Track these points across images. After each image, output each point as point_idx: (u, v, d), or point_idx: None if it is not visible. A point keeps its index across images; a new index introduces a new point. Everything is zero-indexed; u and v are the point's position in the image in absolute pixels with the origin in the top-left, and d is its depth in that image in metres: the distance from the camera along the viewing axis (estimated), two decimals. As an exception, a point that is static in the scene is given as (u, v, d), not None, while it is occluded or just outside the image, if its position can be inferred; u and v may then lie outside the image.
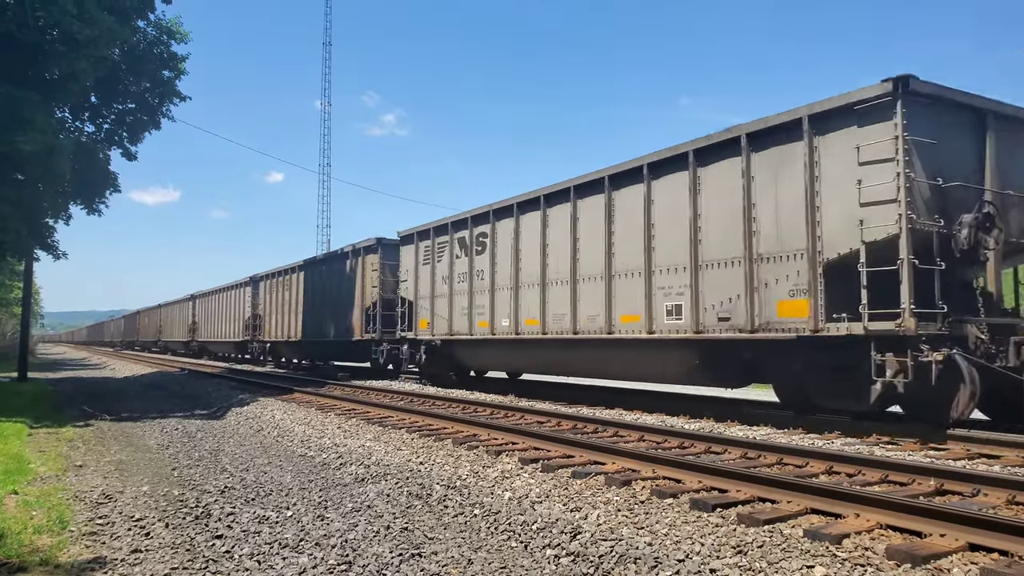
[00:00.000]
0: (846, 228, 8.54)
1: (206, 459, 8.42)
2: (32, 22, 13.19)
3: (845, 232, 8.55)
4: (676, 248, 10.82)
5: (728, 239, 10.03)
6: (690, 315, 10.48)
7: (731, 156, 10.04)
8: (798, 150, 9.12)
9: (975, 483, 5.47)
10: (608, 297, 12.03)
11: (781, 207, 9.39)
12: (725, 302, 10.00)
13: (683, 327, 10.61)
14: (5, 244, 16.38)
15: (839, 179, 8.69)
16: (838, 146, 8.70)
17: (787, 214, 9.30)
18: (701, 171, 10.49)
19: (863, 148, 8.35)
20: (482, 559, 4.64)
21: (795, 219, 9.17)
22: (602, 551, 4.51)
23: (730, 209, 10.00)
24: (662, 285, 11.02)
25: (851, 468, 6.29)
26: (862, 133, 8.42)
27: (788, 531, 4.64)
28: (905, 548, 4.12)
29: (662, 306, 10.99)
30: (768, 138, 9.54)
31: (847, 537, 4.42)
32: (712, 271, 10.27)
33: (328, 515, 5.69)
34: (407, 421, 10.69)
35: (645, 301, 11.20)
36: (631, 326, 11.52)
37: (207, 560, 4.58)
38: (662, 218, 11.15)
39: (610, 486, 6.07)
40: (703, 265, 10.37)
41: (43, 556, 4.57)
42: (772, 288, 9.41)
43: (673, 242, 10.89)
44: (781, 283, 9.31)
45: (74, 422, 11.90)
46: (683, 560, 4.22)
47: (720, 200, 10.20)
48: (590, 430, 9.19)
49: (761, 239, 9.59)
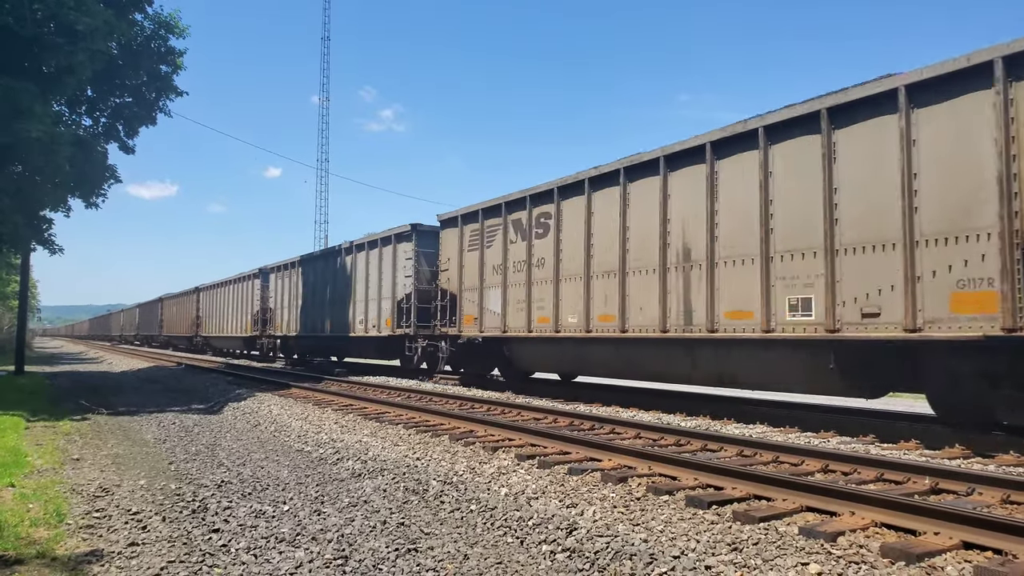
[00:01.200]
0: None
1: (203, 453, 8.42)
2: (29, 14, 13.15)
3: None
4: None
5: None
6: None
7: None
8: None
9: (970, 482, 5.49)
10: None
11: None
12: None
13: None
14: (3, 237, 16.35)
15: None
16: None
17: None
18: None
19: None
20: (478, 554, 4.66)
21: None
22: (598, 547, 4.52)
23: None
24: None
25: (847, 466, 6.31)
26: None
27: (783, 529, 4.66)
28: (900, 546, 4.14)
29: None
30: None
31: (842, 535, 4.44)
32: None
33: (324, 510, 5.70)
34: (404, 417, 10.70)
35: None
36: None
37: (204, 554, 4.59)
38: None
39: (606, 483, 6.09)
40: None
41: (40, 549, 4.58)
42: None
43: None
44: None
45: (71, 416, 11.89)
46: (678, 557, 4.24)
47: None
48: (587, 427, 9.21)
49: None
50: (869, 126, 8.36)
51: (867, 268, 8.28)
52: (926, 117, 7.82)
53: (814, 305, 8.80)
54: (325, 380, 17.73)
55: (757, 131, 9.46)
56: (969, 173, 7.43)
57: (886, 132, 8.16)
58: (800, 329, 8.94)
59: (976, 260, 7.29)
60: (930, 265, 7.68)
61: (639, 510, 5.23)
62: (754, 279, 9.49)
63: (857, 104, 8.43)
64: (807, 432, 8.88)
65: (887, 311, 8.05)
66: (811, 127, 8.90)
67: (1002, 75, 7.10)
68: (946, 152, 7.64)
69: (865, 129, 8.40)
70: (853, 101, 8.44)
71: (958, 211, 7.49)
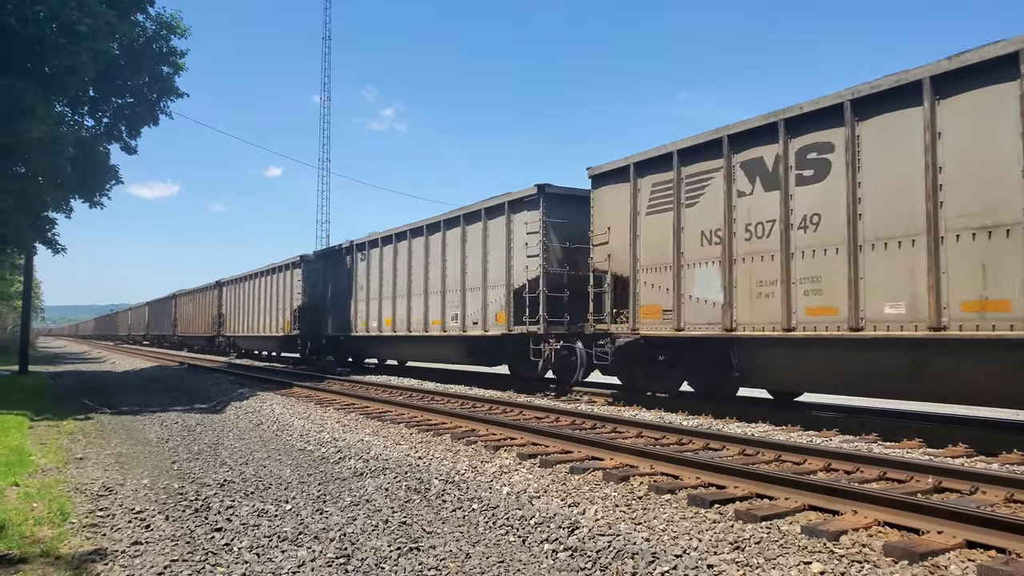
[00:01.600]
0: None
1: (206, 453, 8.44)
2: (32, 15, 13.17)
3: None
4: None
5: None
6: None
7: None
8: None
9: (973, 481, 5.48)
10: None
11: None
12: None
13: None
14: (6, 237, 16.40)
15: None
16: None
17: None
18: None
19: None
20: (480, 553, 4.66)
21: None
22: (599, 546, 4.52)
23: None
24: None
25: (849, 465, 6.30)
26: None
27: (786, 528, 4.65)
28: (903, 545, 4.13)
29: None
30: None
31: (845, 534, 4.44)
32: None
33: (327, 509, 5.71)
34: (406, 416, 10.71)
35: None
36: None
37: (207, 552, 4.60)
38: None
39: (608, 482, 6.08)
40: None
41: (44, 548, 4.59)
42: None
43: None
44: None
45: (75, 415, 11.92)
46: (680, 556, 4.23)
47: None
48: (588, 426, 9.21)
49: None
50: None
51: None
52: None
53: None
54: (327, 379, 17.76)
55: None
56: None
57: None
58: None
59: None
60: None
61: (641, 509, 5.23)
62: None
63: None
64: (809, 431, 8.87)
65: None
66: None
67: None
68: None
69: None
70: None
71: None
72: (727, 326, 9.94)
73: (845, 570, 3.91)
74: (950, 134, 7.68)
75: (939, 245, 7.65)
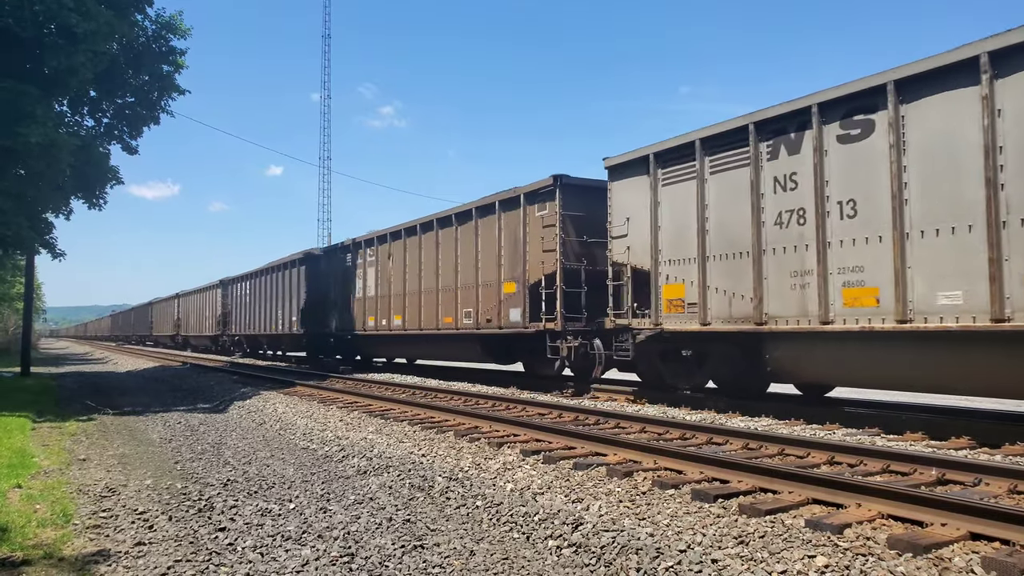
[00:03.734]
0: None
1: (208, 452, 8.44)
2: (30, 16, 13.15)
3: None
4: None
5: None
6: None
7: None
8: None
9: (976, 472, 5.48)
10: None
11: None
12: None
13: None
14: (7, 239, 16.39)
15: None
16: None
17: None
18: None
19: None
20: (484, 550, 4.66)
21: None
22: (604, 542, 4.52)
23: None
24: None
25: (852, 458, 6.29)
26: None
27: (789, 521, 4.65)
28: (907, 537, 4.12)
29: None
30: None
31: (848, 527, 4.43)
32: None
33: (331, 507, 5.71)
34: (409, 414, 10.71)
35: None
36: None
37: (210, 553, 4.60)
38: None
39: (612, 477, 6.08)
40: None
41: (47, 549, 4.59)
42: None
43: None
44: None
45: (77, 416, 11.93)
46: (685, 551, 4.23)
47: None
48: (592, 421, 9.20)
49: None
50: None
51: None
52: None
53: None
54: (330, 378, 17.77)
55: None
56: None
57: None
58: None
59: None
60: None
61: (645, 504, 5.22)
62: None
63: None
64: (812, 424, 8.86)
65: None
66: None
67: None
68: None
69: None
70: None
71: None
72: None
73: (849, 563, 3.90)
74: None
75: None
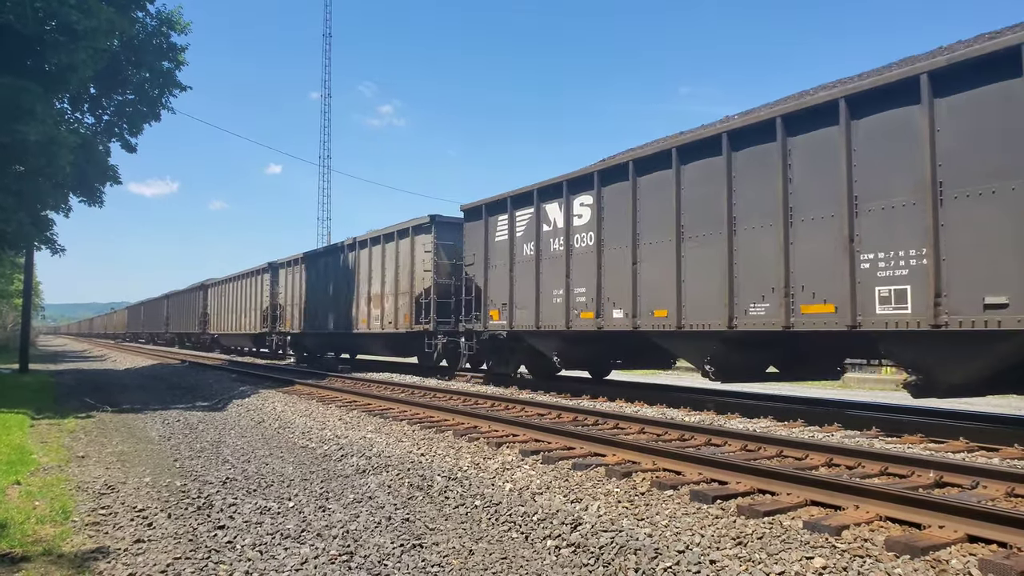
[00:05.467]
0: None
1: (208, 450, 8.45)
2: (31, 13, 13.13)
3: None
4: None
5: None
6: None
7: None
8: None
9: (974, 475, 5.49)
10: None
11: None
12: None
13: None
14: (7, 235, 16.38)
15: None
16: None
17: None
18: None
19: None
20: (483, 550, 4.67)
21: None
22: (602, 542, 4.53)
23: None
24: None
25: (851, 460, 6.30)
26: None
27: (788, 523, 4.66)
28: (904, 540, 4.13)
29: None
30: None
31: (846, 529, 4.44)
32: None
33: (330, 506, 5.71)
34: (408, 413, 10.71)
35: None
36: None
37: (209, 550, 4.61)
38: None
39: (610, 478, 6.09)
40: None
41: (46, 546, 4.60)
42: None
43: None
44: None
45: (76, 413, 11.92)
46: (683, 551, 4.24)
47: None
48: (591, 422, 9.21)
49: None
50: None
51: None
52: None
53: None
54: (329, 377, 17.77)
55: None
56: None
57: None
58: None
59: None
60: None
61: (643, 505, 5.23)
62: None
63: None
64: (811, 426, 8.87)
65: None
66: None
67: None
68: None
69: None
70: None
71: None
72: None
73: (847, 565, 3.91)
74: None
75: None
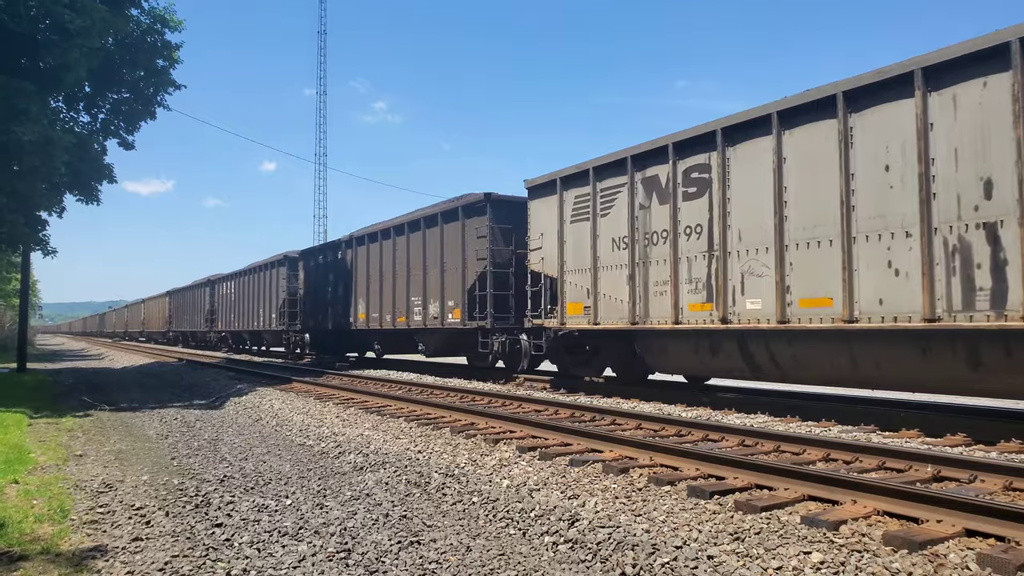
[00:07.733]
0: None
1: (205, 448, 8.44)
2: (24, 12, 13.08)
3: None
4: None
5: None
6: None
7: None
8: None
9: (972, 469, 5.50)
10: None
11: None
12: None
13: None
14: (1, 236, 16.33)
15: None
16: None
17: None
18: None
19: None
20: (480, 546, 4.67)
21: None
22: (600, 538, 4.53)
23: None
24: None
25: (848, 455, 6.31)
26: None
27: (785, 518, 4.66)
28: (902, 534, 4.14)
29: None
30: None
31: (844, 523, 4.45)
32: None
33: (327, 503, 5.71)
34: (405, 410, 10.71)
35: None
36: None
37: (207, 548, 4.60)
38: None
39: (608, 474, 6.09)
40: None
41: (44, 545, 4.59)
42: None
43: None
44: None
45: (74, 412, 11.90)
46: (680, 547, 4.24)
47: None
48: (588, 418, 9.22)
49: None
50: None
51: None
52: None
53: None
54: (326, 374, 17.75)
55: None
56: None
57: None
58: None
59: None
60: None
61: (641, 501, 5.24)
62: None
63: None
64: (808, 421, 8.89)
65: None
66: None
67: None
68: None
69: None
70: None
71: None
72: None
73: (845, 559, 3.92)
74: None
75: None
